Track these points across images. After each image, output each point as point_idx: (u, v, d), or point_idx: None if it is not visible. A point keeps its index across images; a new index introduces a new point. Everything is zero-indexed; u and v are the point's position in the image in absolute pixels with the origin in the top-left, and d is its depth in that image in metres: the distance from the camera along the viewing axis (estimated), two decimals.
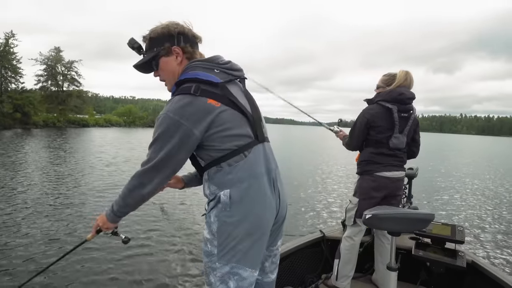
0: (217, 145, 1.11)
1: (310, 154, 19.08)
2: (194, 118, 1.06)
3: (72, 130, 32.72)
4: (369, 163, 2.21)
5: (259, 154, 1.17)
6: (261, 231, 1.16)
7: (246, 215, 1.12)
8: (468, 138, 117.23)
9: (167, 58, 1.18)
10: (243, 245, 1.12)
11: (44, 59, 39.97)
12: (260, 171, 1.16)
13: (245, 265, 1.13)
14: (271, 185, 1.20)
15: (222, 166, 1.13)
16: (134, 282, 3.30)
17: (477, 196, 8.79)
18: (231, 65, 1.21)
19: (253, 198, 1.13)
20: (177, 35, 1.18)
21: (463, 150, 33.70)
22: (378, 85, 2.30)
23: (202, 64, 1.16)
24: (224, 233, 1.12)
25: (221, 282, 1.14)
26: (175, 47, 1.18)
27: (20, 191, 6.74)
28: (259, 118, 1.21)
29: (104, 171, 9.49)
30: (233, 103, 1.12)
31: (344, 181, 10.20)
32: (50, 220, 5.01)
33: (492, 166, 17.15)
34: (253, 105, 1.21)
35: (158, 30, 1.19)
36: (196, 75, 1.12)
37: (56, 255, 3.76)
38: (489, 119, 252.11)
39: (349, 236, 2.26)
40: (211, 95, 1.08)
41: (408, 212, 1.59)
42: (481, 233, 5.57)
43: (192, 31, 1.22)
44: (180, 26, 1.19)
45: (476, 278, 2.17)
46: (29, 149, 13.94)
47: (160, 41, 1.18)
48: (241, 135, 1.12)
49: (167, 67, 1.20)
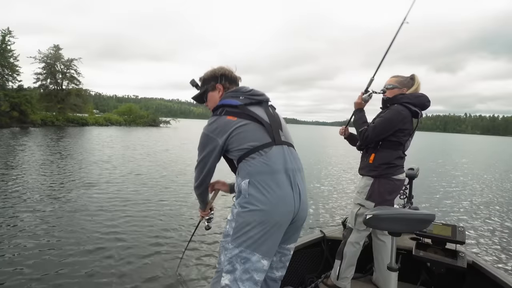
0: (238, 146, 1.43)
1: (310, 154, 19.05)
2: (217, 131, 1.46)
3: (70, 129, 32.23)
4: (390, 167, 2.14)
5: (277, 154, 1.43)
6: (274, 222, 1.34)
7: (261, 204, 1.33)
8: (472, 138, 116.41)
9: (212, 93, 1.63)
10: (255, 232, 1.32)
11: (43, 57, 39.19)
12: (277, 168, 1.39)
13: (255, 250, 1.32)
14: (290, 183, 1.40)
15: (244, 162, 1.42)
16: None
17: (478, 197, 8.74)
18: (253, 92, 1.57)
19: (269, 190, 1.34)
20: (220, 76, 1.61)
21: (467, 150, 33.46)
22: (393, 85, 2.22)
23: (231, 94, 1.56)
24: (240, 218, 1.36)
25: (229, 263, 1.36)
26: (218, 84, 1.61)
27: (11, 191, 6.75)
28: (277, 127, 1.52)
29: (98, 170, 9.40)
30: (250, 117, 1.47)
31: (345, 181, 10.19)
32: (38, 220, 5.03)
33: (495, 166, 17.05)
34: (272, 117, 1.53)
35: (208, 73, 1.65)
36: (223, 102, 1.53)
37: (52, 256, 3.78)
38: (494, 118, 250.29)
39: (356, 242, 2.22)
40: (230, 113, 1.47)
41: (409, 212, 1.59)
42: (482, 233, 5.54)
43: (232, 73, 1.64)
44: (223, 69, 1.63)
45: (477, 278, 2.16)
46: (24, 148, 13.79)
47: (209, 80, 1.64)
48: (257, 138, 1.43)
49: (211, 99, 1.64)
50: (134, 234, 4.49)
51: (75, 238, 4.25)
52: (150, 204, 6.14)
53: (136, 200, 6.37)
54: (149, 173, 9.42)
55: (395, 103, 2.17)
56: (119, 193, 6.84)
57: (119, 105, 65.85)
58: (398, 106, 2.14)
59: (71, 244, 4.06)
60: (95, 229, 4.59)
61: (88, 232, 4.48)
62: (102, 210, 5.53)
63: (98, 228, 4.66)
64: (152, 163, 11.50)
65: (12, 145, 15.11)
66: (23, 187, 6.91)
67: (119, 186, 7.54)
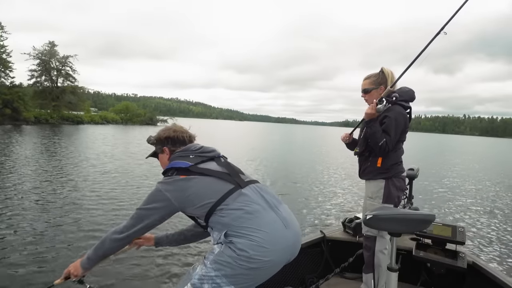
0: (198, 204, 1.33)
1: (310, 154, 19.06)
2: (173, 192, 1.35)
3: (65, 127, 31.62)
4: (399, 165, 2.17)
5: (249, 194, 1.34)
6: (266, 265, 1.22)
7: (248, 250, 1.20)
8: (471, 139, 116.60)
9: (161, 155, 1.60)
10: (241, 269, 1.20)
11: (37, 54, 38.37)
12: (252, 208, 1.29)
13: (232, 283, 1.22)
14: (277, 216, 1.31)
15: (213, 216, 1.31)
16: None
17: (478, 197, 8.76)
18: (203, 149, 1.52)
19: (253, 234, 1.22)
20: (165, 139, 1.58)
21: (466, 151, 33.51)
22: (367, 88, 2.20)
23: (179, 154, 1.50)
24: (227, 251, 1.23)
25: (198, 279, 1.25)
26: (164, 148, 1.58)
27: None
28: (237, 172, 1.46)
29: (80, 169, 9.30)
30: (202, 173, 1.39)
31: (345, 181, 10.19)
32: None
33: (494, 167, 17.08)
34: (228, 166, 1.48)
35: (157, 135, 1.63)
36: (172, 165, 1.46)
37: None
38: (493, 120, 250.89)
39: (385, 248, 2.14)
40: (183, 173, 1.40)
41: (409, 212, 1.58)
42: (482, 234, 5.55)
43: (179, 133, 1.59)
44: (168, 131, 1.59)
45: (477, 279, 2.16)
46: (13, 146, 13.64)
47: (157, 142, 1.61)
48: (216, 190, 1.34)
49: (161, 161, 1.61)
50: None
51: (64, 241, 4.22)
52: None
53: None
54: (129, 173, 9.40)
55: (390, 103, 2.15)
56: (98, 192, 6.82)
57: (117, 104, 65.05)
58: (396, 107, 2.12)
59: (62, 247, 4.04)
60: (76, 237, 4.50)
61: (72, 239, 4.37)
62: (76, 212, 5.49)
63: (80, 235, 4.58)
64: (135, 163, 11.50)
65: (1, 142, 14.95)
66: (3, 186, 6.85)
67: (100, 185, 7.47)
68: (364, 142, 2.22)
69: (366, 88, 2.20)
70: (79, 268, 1.42)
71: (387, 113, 2.09)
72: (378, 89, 2.17)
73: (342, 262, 2.39)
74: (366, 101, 2.23)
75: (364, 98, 2.24)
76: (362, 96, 2.24)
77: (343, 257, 2.42)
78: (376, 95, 2.16)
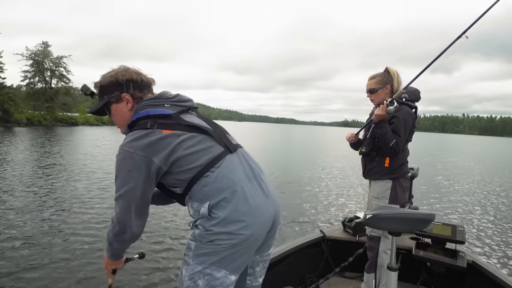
0: (185, 167, 1.13)
1: (309, 154, 19.07)
2: (152, 149, 1.10)
3: (58, 129, 30.82)
4: (405, 165, 2.18)
5: (234, 162, 1.18)
6: (251, 239, 1.13)
7: (230, 224, 1.10)
8: (470, 138, 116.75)
9: (117, 105, 1.24)
10: (223, 250, 1.11)
11: (30, 54, 37.44)
12: (238, 178, 1.15)
13: (221, 267, 1.12)
14: (261, 189, 1.19)
15: (197, 183, 1.14)
16: None
17: (478, 196, 8.77)
18: (180, 98, 1.26)
19: (237, 206, 1.11)
20: (126, 82, 1.22)
21: (465, 150, 33.56)
22: (373, 88, 2.18)
23: (151, 102, 1.21)
24: (205, 238, 1.12)
25: (189, 279, 1.14)
26: (124, 94, 1.22)
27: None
28: (223, 131, 1.27)
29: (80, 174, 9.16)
30: (189, 127, 1.16)
31: (345, 180, 10.19)
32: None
33: (494, 166, 17.10)
34: (211, 122, 1.26)
35: (107, 78, 1.23)
36: (147, 112, 1.16)
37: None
38: (492, 119, 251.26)
39: (388, 249, 2.09)
40: (166, 126, 1.13)
41: (409, 212, 1.59)
42: (482, 233, 5.56)
43: (141, 76, 1.26)
44: (128, 73, 1.23)
45: (477, 278, 2.17)
46: (1, 148, 13.35)
47: (110, 89, 1.23)
48: (207, 152, 1.15)
49: (118, 113, 1.25)
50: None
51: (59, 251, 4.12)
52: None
53: None
54: None
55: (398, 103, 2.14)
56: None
57: None
58: (403, 107, 2.11)
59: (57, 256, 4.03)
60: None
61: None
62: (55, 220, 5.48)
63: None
64: None
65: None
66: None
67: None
68: (371, 142, 2.20)
69: (373, 88, 2.19)
70: (113, 262, 1.30)
71: (395, 113, 2.09)
72: (384, 88, 2.16)
73: (342, 261, 2.39)
74: (372, 101, 2.23)
75: (370, 98, 2.23)
76: (368, 96, 2.24)
77: (343, 257, 2.43)
78: (382, 95, 2.16)
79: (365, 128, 2.32)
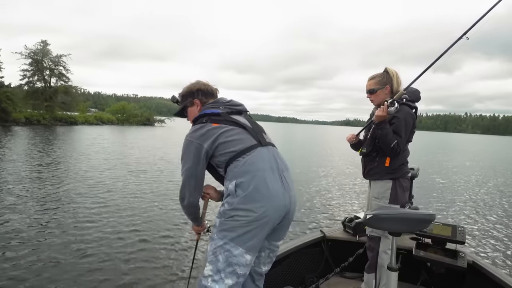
0: (224, 150, 1.46)
1: (311, 153, 19.05)
2: (203, 138, 1.47)
3: (57, 128, 30.39)
4: (406, 165, 2.18)
5: (262, 154, 1.47)
6: (263, 220, 1.36)
7: (249, 201, 1.35)
8: (473, 137, 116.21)
9: (191, 108, 1.68)
10: (241, 228, 1.35)
11: (29, 53, 36.83)
12: (263, 167, 1.41)
13: (238, 244, 1.36)
14: (281, 181, 1.43)
15: (231, 165, 1.44)
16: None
17: (478, 196, 8.74)
18: (232, 102, 1.64)
19: (257, 188, 1.36)
20: (196, 91, 1.66)
21: (467, 149, 33.42)
22: (373, 89, 2.17)
23: (211, 106, 1.61)
24: (227, 214, 1.39)
25: (212, 253, 1.40)
26: (195, 100, 1.66)
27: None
28: (260, 130, 1.59)
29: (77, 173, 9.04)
30: (233, 123, 1.52)
31: (345, 180, 10.18)
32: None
33: (495, 166, 17.04)
34: (253, 123, 1.60)
35: (185, 89, 1.71)
36: (204, 112, 1.58)
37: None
38: (495, 118, 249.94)
39: (388, 249, 2.06)
40: (214, 121, 1.51)
41: (409, 212, 1.58)
42: (482, 233, 5.54)
43: (208, 86, 1.69)
44: (198, 84, 1.68)
45: (477, 278, 2.16)
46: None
47: (186, 97, 1.70)
48: (241, 141, 1.47)
49: (191, 114, 1.69)
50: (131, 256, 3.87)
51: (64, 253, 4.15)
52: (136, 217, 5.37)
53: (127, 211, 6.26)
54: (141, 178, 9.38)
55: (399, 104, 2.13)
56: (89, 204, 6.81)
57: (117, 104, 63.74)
58: (404, 107, 2.10)
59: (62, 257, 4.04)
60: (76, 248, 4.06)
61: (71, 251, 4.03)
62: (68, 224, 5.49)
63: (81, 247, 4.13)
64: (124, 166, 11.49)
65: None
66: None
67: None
68: (371, 143, 2.20)
69: (372, 89, 2.18)
70: (193, 225, 1.72)
71: (396, 114, 2.08)
72: (383, 89, 2.16)
73: (342, 261, 2.39)
74: (372, 101, 2.23)
75: (370, 99, 2.23)
76: (368, 97, 2.23)
77: (343, 257, 2.43)
78: (382, 95, 2.15)
79: (366, 128, 2.31)
